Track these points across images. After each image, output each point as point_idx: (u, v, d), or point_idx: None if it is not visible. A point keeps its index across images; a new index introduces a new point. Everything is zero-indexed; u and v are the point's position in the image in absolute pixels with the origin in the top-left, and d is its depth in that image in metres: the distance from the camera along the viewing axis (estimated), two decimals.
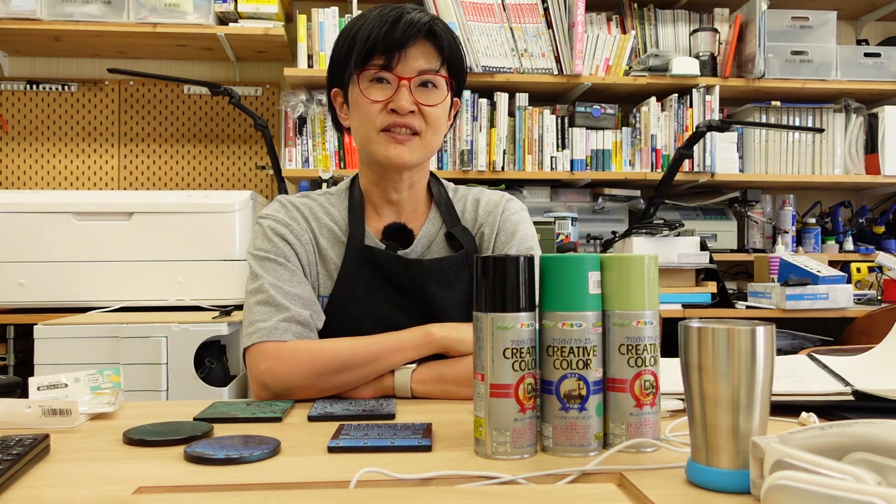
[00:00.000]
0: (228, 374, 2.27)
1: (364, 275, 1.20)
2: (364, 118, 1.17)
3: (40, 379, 1.00)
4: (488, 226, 1.27)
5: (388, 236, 1.22)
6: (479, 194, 1.32)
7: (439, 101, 1.17)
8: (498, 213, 1.28)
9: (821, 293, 2.56)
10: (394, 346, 1.10)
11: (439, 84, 1.18)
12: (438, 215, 1.28)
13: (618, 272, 0.80)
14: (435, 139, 1.20)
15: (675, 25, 3.10)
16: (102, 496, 0.66)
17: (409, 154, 1.17)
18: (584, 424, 0.77)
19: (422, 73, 1.15)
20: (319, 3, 2.89)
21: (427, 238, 1.25)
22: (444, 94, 1.18)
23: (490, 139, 2.91)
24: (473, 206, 1.30)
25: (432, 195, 1.30)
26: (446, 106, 1.21)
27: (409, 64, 1.14)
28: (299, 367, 1.07)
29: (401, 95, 1.14)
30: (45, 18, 2.74)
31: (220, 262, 2.44)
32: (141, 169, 3.13)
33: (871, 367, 1.07)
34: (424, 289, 1.20)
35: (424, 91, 1.17)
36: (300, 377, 1.07)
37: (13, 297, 2.41)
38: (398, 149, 1.16)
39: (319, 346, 1.11)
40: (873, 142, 3.11)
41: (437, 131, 1.19)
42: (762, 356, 0.66)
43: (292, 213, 1.23)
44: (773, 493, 0.56)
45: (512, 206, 1.30)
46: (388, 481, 0.68)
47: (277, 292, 1.14)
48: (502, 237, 1.26)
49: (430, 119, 1.17)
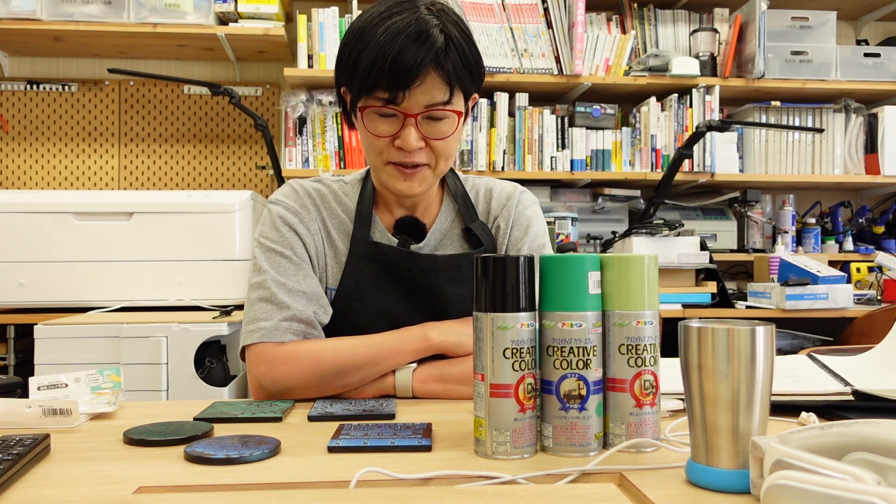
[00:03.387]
0: (228, 374, 2.27)
1: (370, 271, 1.18)
2: (370, 148, 1.13)
3: (40, 379, 1.00)
4: (503, 219, 1.24)
5: (400, 230, 1.20)
6: (490, 184, 1.29)
7: (449, 133, 1.10)
8: (512, 206, 1.25)
9: (821, 293, 2.56)
10: (393, 348, 1.09)
11: (450, 117, 1.10)
12: (452, 208, 1.25)
13: (618, 272, 0.80)
14: (445, 164, 1.15)
15: (675, 25, 3.11)
16: (102, 496, 0.66)
17: (418, 186, 1.13)
18: (584, 424, 0.77)
19: (429, 107, 1.07)
20: (319, 3, 2.89)
21: (440, 232, 1.23)
22: (455, 123, 1.10)
23: (490, 139, 2.91)
24: (486, 197, 1.27)
25: (444, 187, 1.26)
26: (459, 133, 1.14)
27: (415, 100, 1.06)
28: (298, 369, 1.07)
29: (407, 133, 1.07)
30: (46, 18, 2.74)
31: (220, 262, 2.44)
32: (141, 169, 3.13)
33: (871, 367, 1.07)
34: (437, 285, 1.17)
35: (433, 124, 1.09)
36: (299, 379, 1.07)
37: (13, 297, 2.41)
38: (407, 182, 1.13)
39: (319, 347, 1.09)
40: (873, 142, 3.11)
41: (449, 158, 1.15)
42: (762, 356, 0.66)
43: (303, 201, 1.19)
44: (772, 492, 0.56)
45: (525, 199, 1.27)
46: (388, 481, 0.68)
47: (280, 289, 1.11)
48: (516, 233, 1.24)
49: (439, 151, 1.11)
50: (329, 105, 2.88)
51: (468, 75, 1.10)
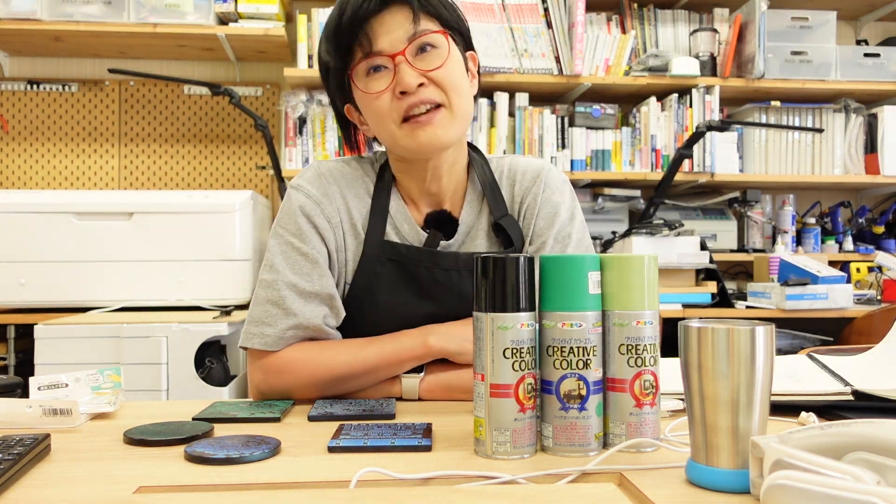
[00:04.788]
0: (228, 374, 2.27)
1: (385, 273, 1.12)
2: (378, 115, 1.06)
3: (41, 379, 1.00)
4: (527, 205, 1.15)
5: (430, 225, 1.13)
6: (514, 164, 1.18)
7: (444, 59, 1.04)
8: (539, 191, 1.14)
9: (820, 293, 2.56)
10: (390, 357, 1.06)
11: (437, 42, 1.05)
12: (478, 198, 1.16)
13: (618, 272, 0.80)
14: (462, 101, 1.06)
15: (675, 25, 3.10)
16: (103, 496, 0.66)
17: (442, 131, 1.05)
18: (584, 424, 0.77)
19: (410, 39, 1.03)
20: (319, 3, 2.89)
21: (466, 226, 1.15)
22: (447, 50, 1.05)
23: (490, 139, 2.91)
24: (510, 179, 1.17)
25: (469, 174, 1.17)
26: (457, 61, 1.07)
27: (391, 37, 1.02)
28: (295, 378, 1.06)
29: (401, 72, 1.02)
30: (46, 19, 2.74)
31: (220, 262, 2.44)
32: (141, 169, 3.13)
33: (871, 367, 1.07)
34: (459, 285, 1.11)
35: (425, 57, 1.04)
36: (296, 387, 1.06)
37: (13, 297, 2.41)
38: (427, 131, 1.04)
39: (316, 356, 1.06)
40: (873, 142, 3.11)
41: (461, 92, 1.06)
42: (762, 356, 0.66)
43: (325, 188, 1.12)
44: (772, 492, 0.56)
45: (553, 180, 1.16)
46: (388, 481, 0.68)
47: (290, 292, 1.07)
48: (541, 222, 1.14)
49: (445, 83, 1.04)
50: (329, 105, 2.88)
51: (445, 9, 1.07)
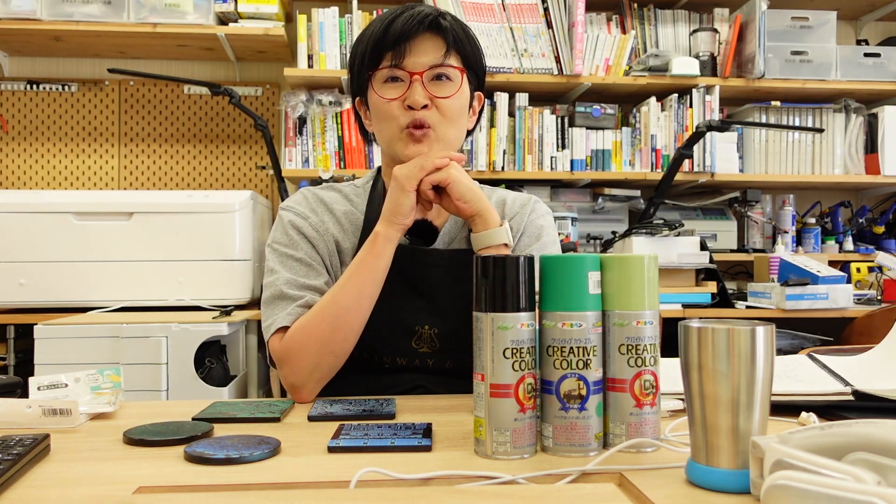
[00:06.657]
0: (228, 374, 2.27)
1: None
2: (384, 118, 1.17)
3: (40, 379, 1.00)
4: (515, 224, 1.26)
5: (411, 233, 1.22)
6: (504, 194, 1.33)
7: (453, 92, 1.17)
8: (526, 214, 1.29)
9: (821, 293, 2.55)
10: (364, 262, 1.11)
11: (453, 76, 1.17)
12: None
13: (618, 272, 0.80)
14: (449, 132, 1.18)
15: (675, 25, 3.10)
16: (102, 496, 0.66)
17: (426, 148, 1.16)
18: (584, 424, 0.77)
19: (432, 66, 1.15)
20: (319, 3, 2.89)
21: (449, 235, 1.26)
22: (459, 85, 1.18)
23: (490, 139, 2.91)
24: (500, 204, 1.30)
25: None
26: (463, 98, 1.20)
27: (418, 59, 1.15)
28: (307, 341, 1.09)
29: (413, 90, 1.14)
30: (46, 18, 2.74)
31: (220, 262, 2.44)
32: (141, 169, 3.13)
33: (871, 367, 1.07)
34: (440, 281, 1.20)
35: (438, 84, 1.16)
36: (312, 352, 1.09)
37: (13, 297, 2.41)
38: (417, 146, 1.16)
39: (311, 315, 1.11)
40: (873, 142, 3.11)
41: (453, 124, 1.18)
42: (762, 356, 0.66)
43: (312, 205, 1.25)
44: (772, 492, 0.56)
45: (539, 209, 1.31)
46: (388, 481, 0.68)
47: (290, 286, 1.16)
48: (526, 239, 1.27)
49: (444, 112, 1.16)
50: (329, 105, 2.88)
51: (468, 46, 1.19)
